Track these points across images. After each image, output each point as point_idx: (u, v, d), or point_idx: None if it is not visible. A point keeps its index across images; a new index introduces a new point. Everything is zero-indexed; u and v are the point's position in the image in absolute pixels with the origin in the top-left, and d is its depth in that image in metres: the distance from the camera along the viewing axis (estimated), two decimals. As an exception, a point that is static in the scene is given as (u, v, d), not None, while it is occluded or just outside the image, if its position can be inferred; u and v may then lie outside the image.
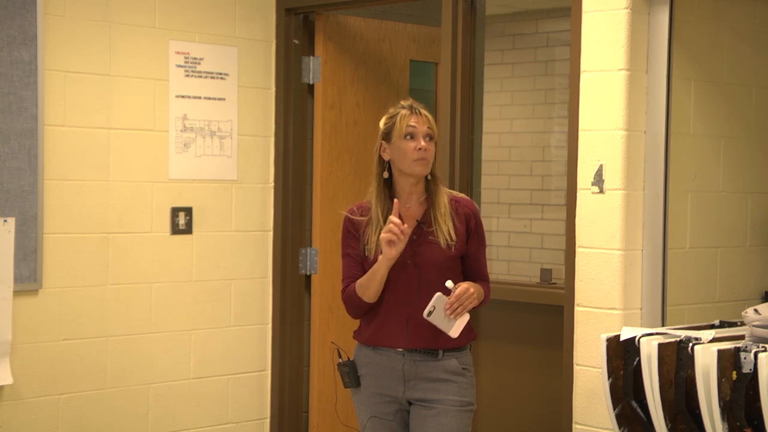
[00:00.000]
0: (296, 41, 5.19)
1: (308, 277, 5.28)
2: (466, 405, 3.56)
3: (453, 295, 3.43)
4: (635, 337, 3.56)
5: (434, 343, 3.52)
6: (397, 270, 3.51)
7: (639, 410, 3.58)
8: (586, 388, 3.96)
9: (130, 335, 4.77)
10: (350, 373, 3.60)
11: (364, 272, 3.55)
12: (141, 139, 4.78)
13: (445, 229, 3.53)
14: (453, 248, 3.53)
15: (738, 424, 3.30)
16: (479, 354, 4.56)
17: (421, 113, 3.56)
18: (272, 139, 5.18)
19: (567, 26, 4.10)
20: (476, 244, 3.61)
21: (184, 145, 4.92)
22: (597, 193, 3.93)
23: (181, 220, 4.90)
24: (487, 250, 3.69)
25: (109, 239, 4.70)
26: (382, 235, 3.44)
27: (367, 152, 5.36)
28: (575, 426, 4.01)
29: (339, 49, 5.26)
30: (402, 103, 3.61)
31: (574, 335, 4.01)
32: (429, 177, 3.57)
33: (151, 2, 4.80)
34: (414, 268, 3.52)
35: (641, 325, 3.87)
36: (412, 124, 3.54)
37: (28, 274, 4.45)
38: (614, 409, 3.60)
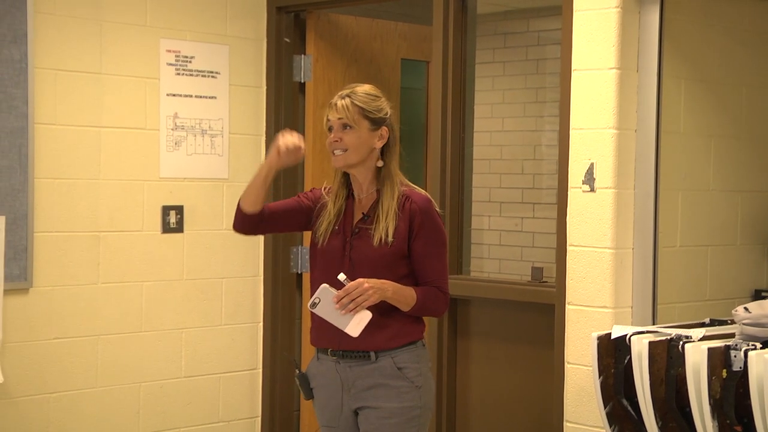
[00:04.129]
0: (287, 39, 5.19)
1: (299, 276, 5.27)
2: (409, 411, 3.31)
3: (342, 289, 3.21)
4: (626, 335, 3.56)
5: (364, 343, 3.29)
6: (333, 262, 3.35)
7: (630, 408, 3.59)
8: (576, 387, 3.97)
9: (121, 334, 4.77)
10: (303, 386, 3.44)
11: (288, 215, 3.46)
12: (132, 137, 4.78)
13: (383, 227, 3.30)
14: (389, 247, 3.29)
15: (728, 422, 3.31)
16: (470, 352, 4.57)
17: (337, 105, 3.34)
18: (263, 138, 5.18)
19: (558, 25, 4.10)
20: (422, 244, 3.33)
21: (175, 143, 4.91)
22: (588, 191, 3.94)
23: (172, 219, 4.89)
24: (447, 251, 3.42)
25: (100, 238, 4.69)
26: (282, 138, 3.32)
27: (359, 151, 5.37)
28: (566, 424, 4.01)
29: (330, 48, 5.25)
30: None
31: (565, 333, 4.01)
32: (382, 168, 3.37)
33: (141, 1, 4.79)
34: (349, 262, 3.33)
35: (632, 324, 3.88)
36: (329, 117, 3.36)
37: (19, 272, 4.44)
38: (605, 408, 3.60)
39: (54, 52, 4.53)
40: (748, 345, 3.30)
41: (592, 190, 3.92)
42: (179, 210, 4.91)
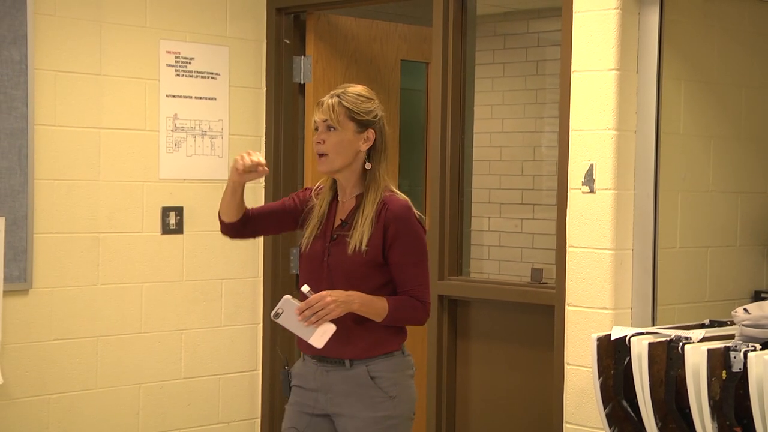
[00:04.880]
0: (287, 41, 5.19)
1: (299, 277, 5.27)
2: (383, 420, 3.25)
3: (304, 301, 3.17)
4: (626, 336, 3.56)
5: (339, 352, 3.25)
6: (312, 266, 3.31)
7: (629, 410, 3.59)
8: (576, 388, 3.97)
9: (121, 335, 4.76)
10: (284, 383, 3.42)
11: (275, 216, 3.45)
12: (131, 138, 4.78)
13: (358, 234, 3.23)
14: (363, 255, 3.22)
15: (728, 423, 3.31)
16: (470, 354, 4.57)
17: (323, 104, 3.27)
18: (263, 139, 5.18)
19: (558, 26, 4.10)
20: (399, 253, 3.23)
21: (175, 144, 4.91)
22: (588, 192, 3.94)
23: (172, 220, 4.89)
24: (426, 262, 3.32)
25: (100, 239, 4.69)
26: (236, 161, 3.28)
27: (358, 152, 5.37)
28: (566, 425, 4.01)
29: (330, 49, 5.25)
30: None
31: (565, 335, 4.01)
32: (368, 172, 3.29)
33: (141, 2, 4.79)
34: (327, 268, 3.28)
35: (631, 325, 3.88)
36: (315, 119, 3.31)
37: (18, 273, 4.44)
38: (605, 409, 3.60)
39: (54, 54, 4.53)
40: (748, 346, 3.30)
41: (592, 191, 3.92)
42: (179, 211, 4.91)
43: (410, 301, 3.28)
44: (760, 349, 3.29)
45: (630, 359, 3.52)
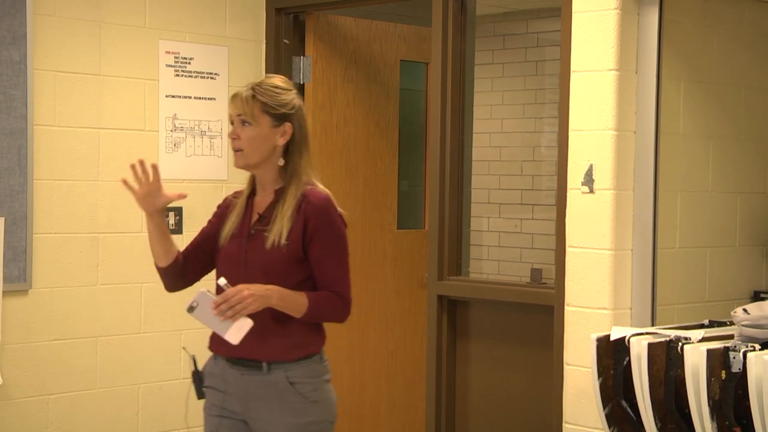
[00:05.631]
0: (286, 41, 5.19)
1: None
2: (306, 426, 3.13)
3: (221, 295, 3.06)
4: (625, 336, 3.56)
5: (257, 352, 3.14)
6: (230, 264, 3.20)
7: (629, 410, 3.59)
8: (576, 388, 3.97)
9: (120, 335, 4.77)
10: (197, 385, 3.30)
11: (201, 248, 3.28)
12: (131, 139, 4.78)
13: (277, 229, 3.11)
14: (283, 250, 3.11)
15: (727, 423, 3.31)
16: (469, 354, 4.57)
17: (237, 97, 3.16)
18: (262, 139, 5.17)
19: (557, 26, 4.11)
20: (318, 247, 3.13)
21: (174, 145, 4.91)
22: (587, 192, 3.94)
23: (171, 220, 4.89)
24: (346, 257, 3.21)
25: (99, 239, 4.69)
26: (137, 193, 3.19)
27: (358, 152, 5.38)
28: (565, 425, 4.01)
29: (329, 49, 5.25)
30: None
31: (564, 335, 4.01)
32: (285, 166, 3.19)
33: (141, 2, 4.79)
34: (244, 266, 3.17)
35: (631, 325, 3.88)
36: (230, 112, 3.20)
37: (18, 274, 4.44)
38: (604, 409, 3.60)
39: (53, 54, 4.54)
40: (747, 346, 3.30)
41: (592, 191, 3.92)
42: (178, 211, 4.91)
43: (331, 296, 3.16)
44: (760, 350, 3.29)
45: (629, 359, 3.52)
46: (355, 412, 5.37)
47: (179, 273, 3.32)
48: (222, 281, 3.10)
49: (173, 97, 4.91)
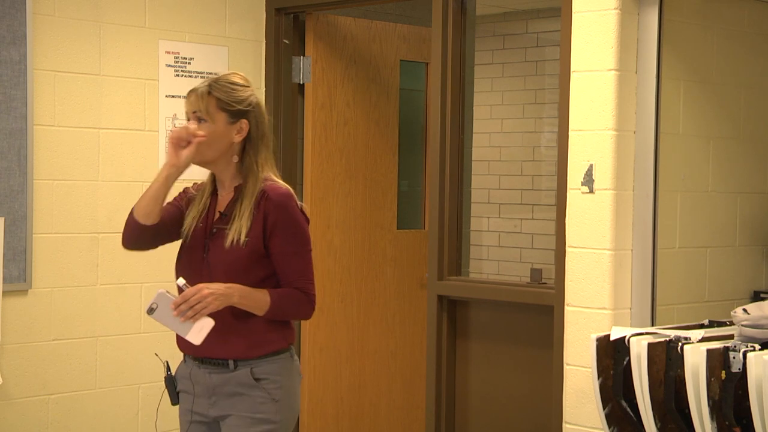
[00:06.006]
0: (286, 41, 5.19)
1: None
2: (260, 423, 3.09)
3: (180, 295, 3.03)
4: (625, 336, 3.56)
5: (222, 351, 3.11)
6: (192, 263, 3.17)
7: (629, 410, 3.59)
8: (575, 388, 3.97)
9: (120, 335, 4.77)
10: (169, 389, 3.27)
11: (173, 220, 3.21)
12: (131, 139, 4.78)
13: (236, 227, 3.08)
14: (244, 248, 3.08)
15: (727, 423, 3.31)
16: (469, 354, 4.57)
17: (193, 94, 3.13)
18: (262, 139, 5.17)
19: (557, 26, 4.11)
20: (280, 243, 3.09)
21: (174, 144, 4.91)
22: (587, 192, 3.94)
23: (171, 220, 4.89)
24: (312, 252, 3.22)
25: (99, 239, 4.69)
26: (170, 134, 3.09)
27: (358, 152, 5.38)
28: (565, 425, 4.01)
29: (329, 49, 5.26)
30: None
31: (564, 335, 4.01)
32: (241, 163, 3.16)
33: (140, 2, 4.79)
34: (206, 264, 3.14)
35: (631, 325, 3.88)
36: (185, 109, 3.16)
37: (18, 274, 4.44)
38: (604, 409, 3.60)
39: (53, 54, 4.54)
40: (747, 346, 3.30)
41: (591, 191, 3.93)
42: (178, 211, 4.91)
43: (294, 293, 3.14)
44: (760, 350, 3.29)
45: (629, 359, 3.52)
46: (355, 412, 5.37)
47: (153, 235, 3.24)
48: (181, 281, 3.08)
49: (173, 97, 4.91)
